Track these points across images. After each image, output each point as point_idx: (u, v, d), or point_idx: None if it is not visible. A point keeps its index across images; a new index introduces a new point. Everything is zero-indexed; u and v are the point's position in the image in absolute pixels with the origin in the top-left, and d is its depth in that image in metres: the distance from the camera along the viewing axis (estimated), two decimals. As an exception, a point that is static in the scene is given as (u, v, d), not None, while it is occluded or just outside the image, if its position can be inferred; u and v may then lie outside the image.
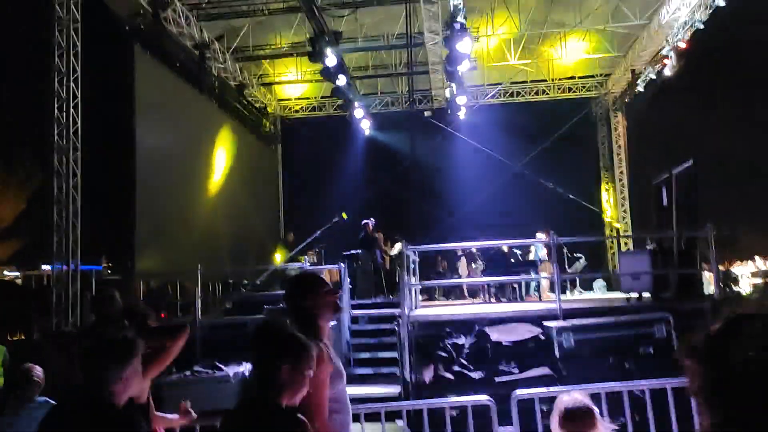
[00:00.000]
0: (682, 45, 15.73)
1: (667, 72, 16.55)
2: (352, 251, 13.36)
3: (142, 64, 13.59)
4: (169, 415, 4.11)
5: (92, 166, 12.81)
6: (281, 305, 3.21)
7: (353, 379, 9.48)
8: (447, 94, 19.74)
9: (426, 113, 21.69)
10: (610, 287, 16.07)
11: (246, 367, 9.28)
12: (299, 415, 2.39)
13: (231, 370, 9.00)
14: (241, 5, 15.79)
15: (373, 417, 5.24)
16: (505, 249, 14.53)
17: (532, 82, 21.45)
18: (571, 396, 2.83)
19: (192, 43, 15.50)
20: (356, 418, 4.55)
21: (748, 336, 0.88)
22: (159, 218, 13.93)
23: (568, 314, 8.83)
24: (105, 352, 2.73)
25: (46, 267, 16.11)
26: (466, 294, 15.67)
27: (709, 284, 10.44)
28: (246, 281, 14.70)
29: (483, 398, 5.34)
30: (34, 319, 12.70)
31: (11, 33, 17.61)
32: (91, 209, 12.82)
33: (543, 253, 14.28)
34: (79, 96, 12.20)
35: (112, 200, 15.12)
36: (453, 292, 16.27)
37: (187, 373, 8.96)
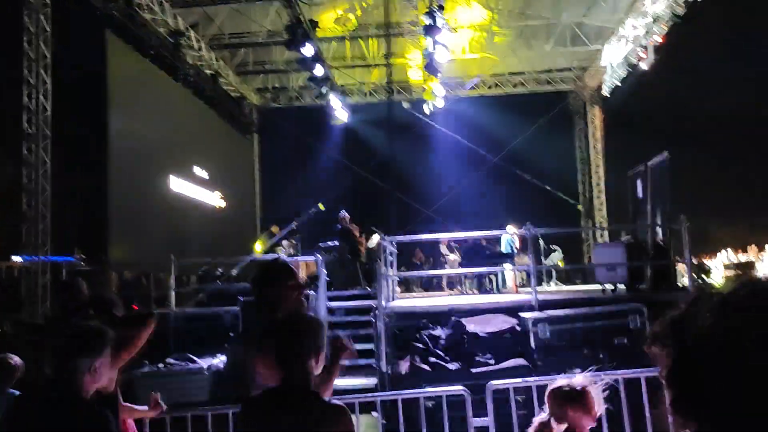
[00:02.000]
0: (659, 39, 15.84)
1: (643, 66, 16.68)
2: (329, 243, 13.27)
3: (115, 50, 13.33)
4: (137, 407, 4.03)
5: (63, 155, 12.55)
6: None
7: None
8: (424, 85, 19.68)
9: (404, 104, 21.61)
10: (585, 280, 16.20)
11: (220, 359, 9.19)
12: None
13: (204, 363, 8.89)
14: (217, -8, 15.57)
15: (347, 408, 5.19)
16: (483, 242, 14.55)
17: (509, 74, 21.48)
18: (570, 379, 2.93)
19: (166, 30, 15.25)
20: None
21: (705, 313, 0.87)
22: (133, 208, 13.72)
23: (543, 305, 8.86)
24: (74, 342, 2.65)
25: (17, 258, 15.80)
26: (444, 286, 15.68)
27: (683, 276, 10.57)
28: (221, 272, 14.54)
29: (458, 389, 5.31)
30: (4, 311, 12.43)
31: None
32: (63, 199, 12.58)
33: (516, 245, 14.35)
34: (49, 83, 11.93)
35: (85, 190, 14.84)
36: (430, 284, 16.28)
37: (160, 365, 8.84)
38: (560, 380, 2.92)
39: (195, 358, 8.96)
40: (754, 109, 17.68)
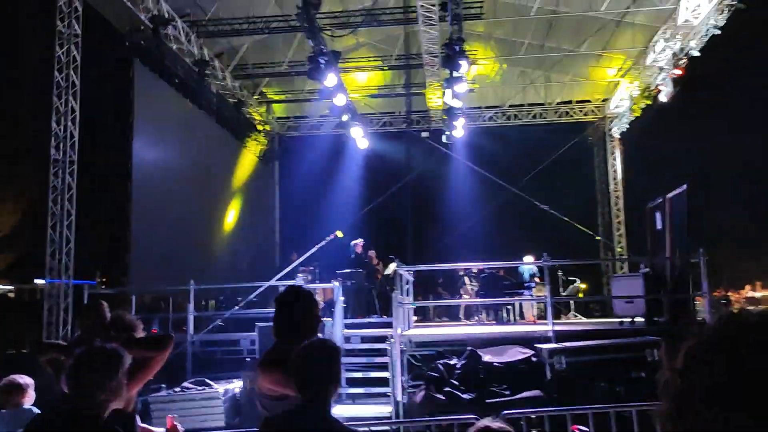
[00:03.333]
0: (678, 72, 15.89)
1: (663, 98, 16.69)
2: (346, 270, 13.35)
3: (142, 79, 13.67)
4: (154, 428, 4.08)
5: (89, 180, 12.84)
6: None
7: (344, 399, 9.43)
8: (444, 114, 19.86)
9: (423, 134, 21.79)
10: (605, 312, 16.04)
11: (236, 385, 9.23)
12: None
13: (221, 388, 8.94)
14: (242, 24, 15.92)
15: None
16: (501, 272, 14.53)
17: (529, 105, 21.61)
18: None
19: (191, 60, 15.61)
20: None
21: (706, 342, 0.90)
22: (155, 234, 13.92)
23: (561, 337, 8.81)
24: (92, 362, 2.73)
25: (39, 281, 16.06)
26: (461, 316, 15.63)
27: (703, 310, 10.45)
28: (239, 298, 14.65)
29: (469, 417, 5.30)
30: (26, 333, 12.62)
31: (12, 46, 17.73)
32: (88, 224, 12.82)
33: (537, 276, 14.28)
34: (77, 110, 12.26)
35: (108, 215, 15.12)
36: (448, 314, 16.22)
37: (177, 389, 8.90)
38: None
39: (212, 383, 9.01)
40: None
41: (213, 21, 15.83)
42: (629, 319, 10.29)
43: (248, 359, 9.84)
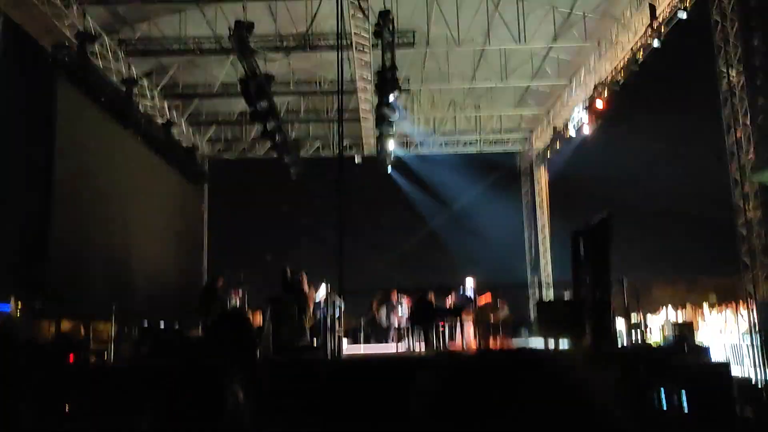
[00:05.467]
0: (600, 105, 16.60)
1: (585, 130, 17.40)
2: (276, 295, 13.17)
3: (65, 97, 13.21)
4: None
5: (5, 200, 12.24)
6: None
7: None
8: (377, 141, 20.05)
9: (357, 160, 21.92)
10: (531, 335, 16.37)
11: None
12: None
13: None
14: (172, 44, 15.69)
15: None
16: (431, 296, 14.63)
17: (460, 133, 22.12)
18: None
19: (119, 79, 15.24)
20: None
21: None
22: (76, 257, 13.38)
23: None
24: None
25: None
26: (392, 339, 15.62)
27: (623, 334, 10.84)
28: (164, 323, 14.22)
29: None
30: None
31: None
32: (3, 244, 12.20)
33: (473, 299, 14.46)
34: (-4, 127, 11.74)
35: (25, 237, 14.42)
36: (377, 337, 16.20)
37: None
38: None
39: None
40: (688, 175, 18.55)
41: (142, 39, 15.54)
42: (553, 343, 10.55)
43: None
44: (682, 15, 13.21)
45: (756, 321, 12.00)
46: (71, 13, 13.13)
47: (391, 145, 19.28)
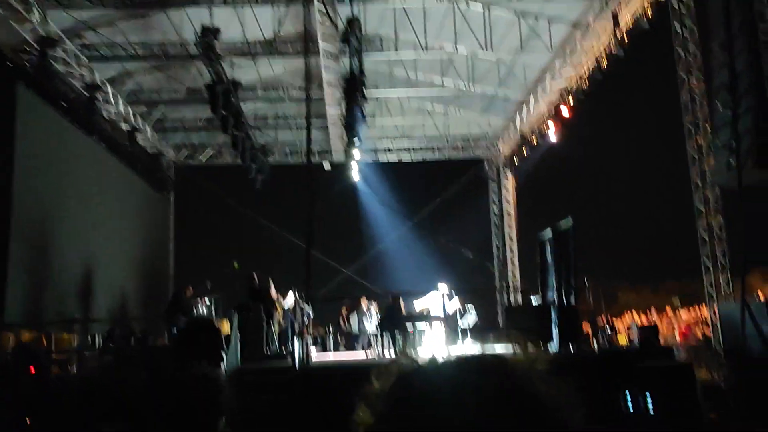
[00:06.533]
0: (565, 112, 16.82)
1: (551, 138, 17.61)
2: (243, 302, 13.04)
3: (26, 103, 12.91)
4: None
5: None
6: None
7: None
8: (345, 147, 20.03)
9: (325, 166, 21.85)
10: (499, 340, 16.48)
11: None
12: None
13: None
14: (137, 48, 15.45)
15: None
16: (401, 303, 14.62)
17: (428, 140, 22.19)
18: None
19: (82, 84, 14.96)
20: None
21: None
22: (37, 266, 13.07)
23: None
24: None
25: None
26: (362, 346, 15.58)
27: (589, 337, 10.99)
28: (131, 332, 13.95)
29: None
30: None
31: None
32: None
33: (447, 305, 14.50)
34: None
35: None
36: (347, 344, 16.15)
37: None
38: None
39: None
40: (652, 180, 18.94)
41: (105, 44, 15.27)
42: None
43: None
44: (644, 24, 13.46)
45: (718, 323, 12.26)
46: (32, 17, 12.85)
47: (359, 152, 19.27)
